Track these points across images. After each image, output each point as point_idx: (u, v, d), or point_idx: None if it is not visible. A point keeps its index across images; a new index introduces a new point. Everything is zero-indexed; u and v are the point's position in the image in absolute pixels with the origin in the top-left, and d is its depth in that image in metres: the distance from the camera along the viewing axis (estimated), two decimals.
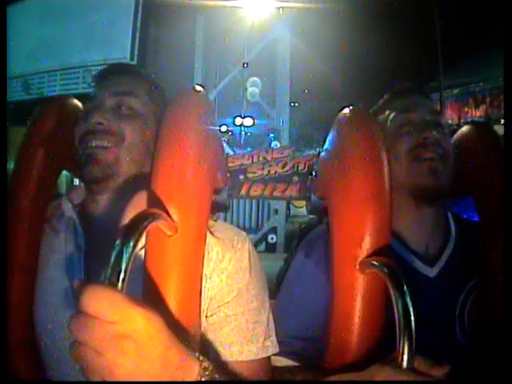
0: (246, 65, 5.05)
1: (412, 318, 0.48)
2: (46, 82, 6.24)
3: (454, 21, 5.85)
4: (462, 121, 6.85)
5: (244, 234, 0.68)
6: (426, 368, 0.50)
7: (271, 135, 5.25)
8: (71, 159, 0.70)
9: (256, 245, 4.89)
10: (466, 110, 7.10)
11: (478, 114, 6.93)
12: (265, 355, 0.63)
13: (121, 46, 5.76)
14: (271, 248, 4.74)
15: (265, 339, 0.63)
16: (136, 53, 5.73)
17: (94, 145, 0.65)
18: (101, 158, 0.64)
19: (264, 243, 4.82)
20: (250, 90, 5.00)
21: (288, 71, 5.20)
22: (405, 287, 0.49)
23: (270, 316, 0.66)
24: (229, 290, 0.62)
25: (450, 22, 5.71)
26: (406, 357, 0.47)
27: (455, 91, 7.15)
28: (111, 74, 0.72)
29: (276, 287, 0.83)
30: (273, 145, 5.19)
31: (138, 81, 0.72)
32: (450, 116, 6.94)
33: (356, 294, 0.60)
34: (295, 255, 0.80)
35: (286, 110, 5.21)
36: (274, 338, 0.65)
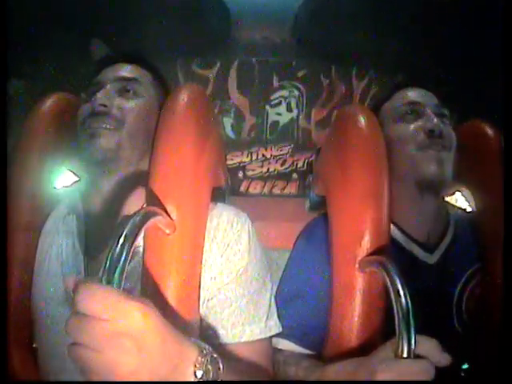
0: None
1: (411, 316, 0.48)
2: None
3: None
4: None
5: (244, 215, 0.67)
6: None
7: None
8: (71, 155, 0.70)
9: None
10: None
11: None
12: (267, 335, 0.63)
13: None
14: None
15: (267, 319, 0.63)
16: None
17: (96, 126, 0.65)
18: (102, 138, 0.64)
19: None
20: None
21: None
22: (405, 287, 0.49)
23: (272, 298, 0.66)
24: (228, 272, 0.61)
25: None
26: (405, 354, 0.47)
27: None
28: (117, 61, 0.72)
29: None
30: None
31: (143, 69, 0.72)
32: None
33: (355, 292, 0.60)
34: (296, 242, 0.79)
35: None
36: (275, 318, 0.65)
